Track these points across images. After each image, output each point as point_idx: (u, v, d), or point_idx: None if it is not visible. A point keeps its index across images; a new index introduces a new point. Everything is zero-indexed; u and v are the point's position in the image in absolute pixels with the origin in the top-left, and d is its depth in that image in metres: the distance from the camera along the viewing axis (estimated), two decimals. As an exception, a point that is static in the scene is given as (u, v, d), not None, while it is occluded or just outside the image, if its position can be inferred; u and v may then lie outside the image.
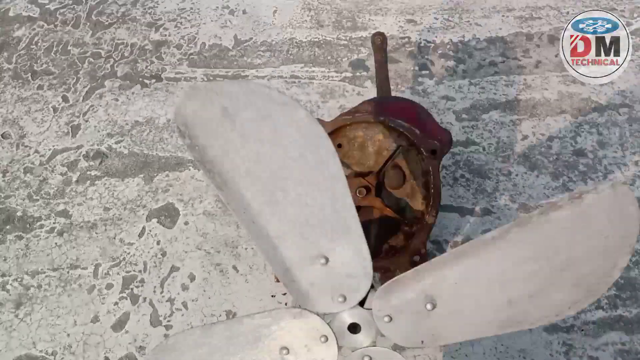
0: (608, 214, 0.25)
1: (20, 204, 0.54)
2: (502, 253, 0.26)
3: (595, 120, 0.58)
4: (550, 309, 0.27)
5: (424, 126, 0.44)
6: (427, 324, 0.27)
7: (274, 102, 0.24)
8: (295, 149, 0.25)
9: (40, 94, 0.64)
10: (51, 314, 0.46)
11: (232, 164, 0.25)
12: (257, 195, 0.26)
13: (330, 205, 0.26)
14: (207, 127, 0.25)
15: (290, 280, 0.27)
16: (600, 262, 0.26)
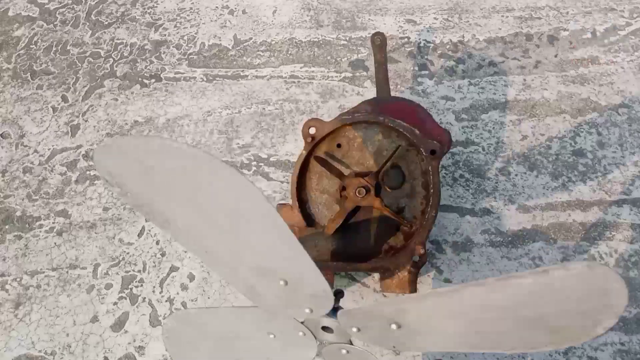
0: (584, 288, 0.22)
1: (20, 203, 0.54)
2: (461, 302, 0.25)
3: (595, 120, 0.59)
4: (525, 344, 0.26)
5: (424, 126, 0.44)
6: (395, 336, 0.27)
7: (189, 157, 0.22)
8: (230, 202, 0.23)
9: (40, 93, 0.64)
10: (50, 313, 0.46)
11: (168, 207, 0.24)
12: (205, 233, 0.25)
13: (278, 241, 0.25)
14: (132, 176, 0.24)
15: (256, 295, 0.27)
16: (579, 321, 0.24)
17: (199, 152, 0.22)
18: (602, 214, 0.51)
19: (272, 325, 0.29)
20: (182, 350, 0.32)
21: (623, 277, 0.46)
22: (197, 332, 0.31)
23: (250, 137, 0.58)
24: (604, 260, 0.48)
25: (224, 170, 0.22)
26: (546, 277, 0.22)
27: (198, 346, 0.32)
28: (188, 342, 0.32)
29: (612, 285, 0.22)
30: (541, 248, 0.49)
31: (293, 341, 0.29)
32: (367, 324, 0.27)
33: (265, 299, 0.28)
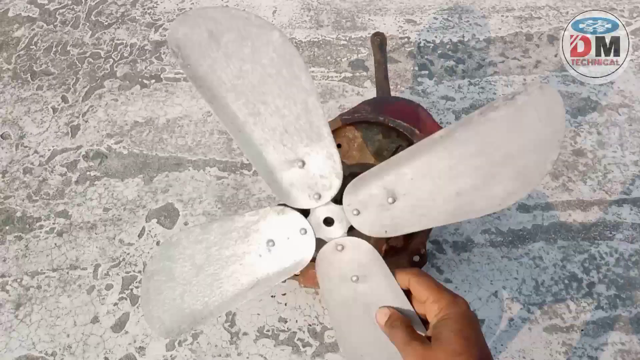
0: (538, 112, 0.29)
1: (20, 204, 0.54)
2: (449, 150, 0.30)
3: (595, 120, 0.59)
4: (493, 199, 0.31)
5: (424, 126, 0.44)
6: (389, 215, 0.31)
7: (252, 25, 0.28)
8: (272, 66, 0.29)
9: (40, 94, 0.64)
10: (51, 314, 0.46)
11: (219, 80, 0.29)
12: (241, 107, 0.30)
13: (304, 116, 0.30)
14: (196, 48, 0.29)
15: (273, 181, 0.31)
16: (534, 156, 0.30)
17: (265, 22, 0.28)
18: (603, 213, 0.51)
19: (273, 231, 0.33)
20: (156, 285, 0.34)
21: (623, 277, 0.46)
22: (187, 252, 0.34)
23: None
24: (604, 260, 0.48)
25: (281, 40, 0.28)
26: (514, 105, 0.28)
27: (183, 260, 0.34)
28: (165, 274, 0.34)
29: (556, 109, 0.28)
30: (541, 248, 0.49)
31: (292, 245, 0.33)
32: (367, 202, 0.31)
33: (281, 186, 0.32)
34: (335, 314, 0.34)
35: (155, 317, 0.34)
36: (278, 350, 0.43)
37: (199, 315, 0.34)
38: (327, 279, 0.33)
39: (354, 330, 0.33)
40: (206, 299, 0.34)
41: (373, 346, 0.33)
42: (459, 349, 0.26)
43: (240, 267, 0.33)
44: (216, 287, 0.34)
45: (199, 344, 0.44)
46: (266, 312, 0.45)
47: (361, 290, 0.33)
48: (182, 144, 0.58)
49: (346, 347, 0.34)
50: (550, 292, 0.46)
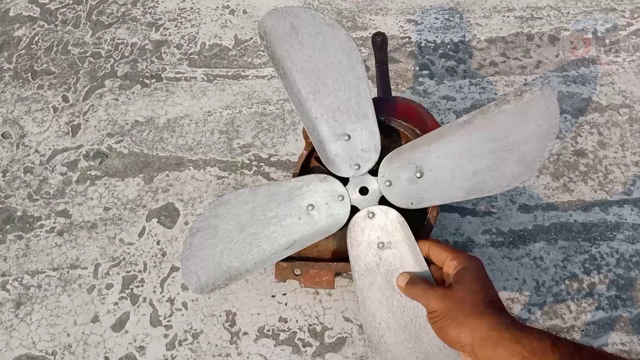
0: (539, 108, 0.35)
1: (21, 203, 0.54)
2: (470, 134, 0.36)
3: (596, 120, 0.58)
4: (502, 180, 0.36)
5: (425, 126, 0.44)
6: (416, 188, 0.37)
7: (325, 24, 0.37)
8: (335, 56, 0.37)
9: (41, 93, 0.64)
10: (51, 313, 0.46)
11: (292, 62, 0.37)
12: (305, 85, 0.37)
13: (355, 98, 0.37)
14: (278, 35, 0.36)
15: (322, 150, 0.37)
16: (535, 144, 0.36)
17: (336, 22, 0.36)
18: (603, 214, 0.51)
19: (314, 196, 0.37)
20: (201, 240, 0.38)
21: (624, 278, 0.46)
22: (233, 211, 0.38)
23: (251, 137, 0.58)
24: (605, 261, 0.48)
25: (346, 37, 0.37)
26: (521, 100, 0.35)
27: (228, 219, 0.38)
28: (209, 230, 0.38)
29: (552, 106, 0.35)
30: (542, 248, 0.49)
31: (329, 210, 0.37)
32: (399, 175, 0.37)
33: (328, 155, 0.37)
34: (358, 280, 0.37)
35: (192, 272, 0.38)
36: (278, 350, 0.43)
37: (235, 272, 0.37)
38: (356, 244, 0.37)
39: (373, 296, 0.37)
40: (244, 257, 0.37)
41: (388, 311, 0.36)
42: (477, 289, 0.30)
43: (280, 228, 0.37)
44: (255, 245, 0.37)
45: (199, 343, 0.44)
46: (266, 312, 0.45)
47: (385, 256, 0.37)
48: (182, 144, 0.58)
49: (365, 310, 0.37)
50: (550, 292, 0.46)
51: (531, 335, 0.27)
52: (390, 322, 0.36)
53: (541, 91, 0.35)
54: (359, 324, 0.44)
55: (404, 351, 0.36)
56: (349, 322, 0.44)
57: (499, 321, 0.28)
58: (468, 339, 0.29)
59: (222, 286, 0.38)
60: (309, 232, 0.37)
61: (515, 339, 0.27)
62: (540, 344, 0.26)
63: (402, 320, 0.36)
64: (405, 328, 0.36)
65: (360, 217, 0.37)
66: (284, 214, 0.37)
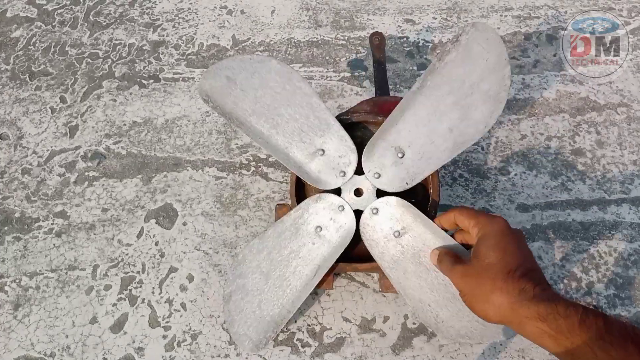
0: (480, 44, 0.36)
1: (19, 205, 0.54)
2: (428, 96, 0.36)
3: (594, 119, 0.59)
4: (478, 124, 0.36)
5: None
6: (403, 168, 0.37)
7: (255, 61, 0.38)
8: (277, 86, 0.38)
9: (38, 94, 0.64)
10: (49, 315, 0.46)
11: (242, 110, 0.38)
12: (263, 124, 0.38)
13: (312, 114, 0.38)
14: (219, 92, 0.38)
15: (304, 173, 0.38)
16: (493, 78, 0.36)
17: (264, 57, 0.38)
18: (602, 213, 0.51)
19: (317, 217, 0.38)
20: None
21: (622, 277, 0.46)
22: (253, 264, 0.39)
23: (249, 138, 0.58)
24: (603, 260, 0.48)
25: (279, 65, 0.38)
26: (460, 44, 0.36)
27: (252, 273, 0.39)
28: (240, 291, 0.39)
29: (492, 36, 0.36)
30: (540, 247, 0.49)
31: (336, 224, 0.38)
32: (382, 163, 0.37)
33: (311, 175, 0.38)
34: (392, 274, 0.37)
35: (242, 334, 0.39)
36: (277, 350, 0.43)
37: (279, 318, 0.38)
38: (375, 244, 0.37)
39: (411, 283, 0.37)
40: (280, 301, 0.38)
41: (432, 291, 0.36)
42: (493, 260, 0.29)
43: (301, 260, 0.38)
44: (285, 286, 0.38)
45: (198, 344, 0.44)
46: (265, 313, 0.45)
47: (405, 242, 0.37)
48: (180, 144, 0.58)
49: (410, 299, 0.37)
50: (549, 291, 0.46)
51: (557, 311, 0.26)
52: (439, 300, 0.36)
53: (474, 27, 0.36)
54: (357, 324, 0.44)
55: (463, 321, 0.36)
56: (347, 322, 0.44)
57: (520, 296, 0.27)
58: (496, 316, 0.28)
59: (273, 336, 0.38)
60: (327, 252, 0.38)
61: (541, 317, 0.26)
62: (566, 322, 0.25)
63: (449, 294, 0.36)
64: (453, 299, 0.36)
65: (367, 217, 0.38)
66: (298, 246, 0.38)
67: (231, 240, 0.50)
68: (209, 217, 0.52)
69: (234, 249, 0.49)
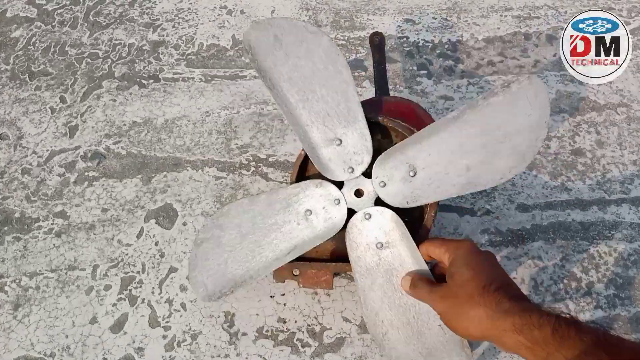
0: (528, 98, 0.35)
1: (18, 205, 0.54)
2: (460, 129, 0.36)
3: (594, 119, 0.59)
4: (496, 173, 0.36)
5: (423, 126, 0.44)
6: (410, 187, 0.37)
7: (308, 31, 0.36)
8: (320, 63, 0.37)
9: (38, 94, 0.64)
10: (49, 315, 0.46)
11: (279, 72, 0.37)
12: (294, 94, 0.37)
13: (344, 103, 0.37)
14: (263, 47, 0.37)
15: (315, 156, 0.37)
16: (527, 135, 0.36)
17: (318, 29, 0.36)
18: (602, 213, 0.51)
19: (311, 202, 0.38)
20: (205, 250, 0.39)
21: (622, 277, 0.46)
22: (235, 221, 0.38)
23: (249, 138, 0.58)
24: (603, 260, 0.48)
25: (329, 43, 0.36)
26: (510, 91, 0.35)
27: (230, 229, 0.38)
28: (213, 241, 0.39)
29: (542, 95, 0.36)
30: (540, 247, 0.49)
31: (327, 214, 0.38)
32: (392, 175, 0.37)
33: (321, 160, 0.37)
34: (360, 280, 0.38)
35: (199, 281, 0.38)
36: (277, 350, 0.43)
37: (240, 279, 0.38)
38: (355, 246, 0.38)
39: (375, 295, 0.37)
40: (247, 264, 0.38)
41: (390, 309, 0.37)
42: (467, 278, 0.30)
43: (280, 235, 0.38)
44: (257, 252, 0.38)
45: (198, 344, 0.44)
46: (265, 313, 0.45)
47: (384, 255, 0.37)
48: (180, 144, 0.58)
49: (367, 309, 0.38)
50: (549, 291, 0.46)
51: (531, 322, 0.26)
52: (393, 320, 0.37)
53: (529, 80, 0.35)
54: (357, 324, 0.44)
55: (408, 347, 0.37)
56: (347, 322, 0.44)
57: (497, 308, 0.28)
58: (477, 332, 0.29)
59: (228, 293, 0.38)
60: (308, 237, 0.38)
61: (517, 329, 0.26)
62: (540, 333, 0.26)
63: (405, 318, 0.37)
64: (407, 325, 0.36)
65: (357, 219, 0.38)
66: (283, 221, 0.38)
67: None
68: (209, 217, 0.52)
69: (234, 249, 0.49)
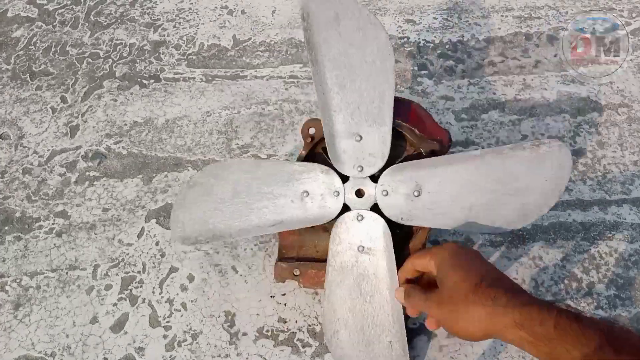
0: (552, 163, 0.36)
1: (19, 204, 0.54)
2: (478, 168, 0.36)
3: (595, 120, 0.59)
4: (495, 222, 0.36)
5: (424, 126, 0.44)
6: (410, 205, 0.37)
7: (369, 21, 0.36)
8: (370, 56, 0.36)
9: (39, 94, 0.64)
10: (50, 315, 0.46)
11: (327, 51, 0.36)
12: (333, 77, 0.37)
13: (378, 103, 0.37)
14: (320, 21, 0.36)
15: (332, 144, 0.37)
16: (538, 198, 0.36)
17: (378, 22, 0.36)
18: (602, 213, 0.51)
19: (312, 185, 0.37)
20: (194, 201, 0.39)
21: (623, 277, 0.46)
22: (232, 177, 0.38)
23: (250, 138, 0.58)
24: (603, 260, 0.48)
25: (385, 41, 0.36)
26: (538, 150, 0.35)
27: (225, 183, 0.38)
28: (205, 187, 0.39)
29: (565, 164, 0.36)
30: (541, 247, 0.49)
31: (322, 201, 0.38)
32: (397, 188, 0.37)
33: (336, 149, 0.37)
34: (330, 274, 0.38)
35: (179, 221, 0.39)
36: (277, 350, 0.43)
37: (219, 233, 0.38)
38: (338, 241, 0.38)
39: (339, 293, 0.38)
40: (230, 222, 0.38)
41: (349, 311, 0.38)
42: (457, 279, 0.30)
43: (272, 205, 0.38)
44: (244, 214, 0.38)
45: (199, 344, 0.44)
46: (265, 313, 0.45)
47: (362, 260, 0.37)
48: (181, 144, 0.58)
49: (328, 303, 0.38)
50: (550, 292, 0.46)
51: (532, 317, 0.26)
52: (349, 322, 0.37)
53: (559, 148, 0.35)
54: (358, 324, 0.44)
55: (354, 352, 0.37)
56: (348, 323, 0.44)
57: (494, 304, 0.27)
58: (478, 332, 0.28)
59: (203, 242, 0.39)
60: (297, 217, 0.38)
61: (517, 324, 0.26)
62: (542, 328, 0.25)
63: (360, 324, 0.37)
64: (360, 331, 0.37)
65: (349, 217, 0.38)
66: (279, 193, 0.38)
67: (232, 240, 0.50)
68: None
69: (235, 249, 0.49)
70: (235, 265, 0.48)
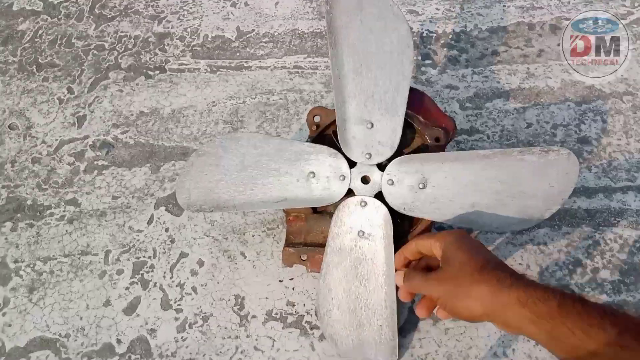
0: (558, 170, 0.36)
1: (30, 192, 0.55)
2: (484, 168, 0.36)
3: (600, 108, 0.59)
4: (495, 222, 0.36)
5: (429, 114, 0.44)
6: (413, 197, 0.37)
7: (392, 12, 0.37)
8: (389, 46, 0.37)
9: (46, 85, 0.65)
10: (64, 298, 0.47)
11: (346, 35, 0.37)
12: (350, 62, 0.37)
13: (392, 92, 0.37)
14: (343, 5, 0.37)
15: (342, 128, 0.38)
16: (541, 202, 0.36)
17: (401, 14, 0.36)
18: (607, 200, 0.51)
19: (319, 166, 0.38)
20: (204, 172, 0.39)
21: (627, 263, 0.47)
22: (241, 150, 0.39)
23: (255, 127, 0.59)
24: (608, 246, 0.49)
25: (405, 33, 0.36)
26: (546, 156, 0.36)
27: (234, 156, 0.39)
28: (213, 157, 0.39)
29: (572, 172, 0.36)
30: (546, 234, 0.49)
31: (328, 184, 0.38)
32: (403, 178, 0.37)
33: (346, 134, 0.37)
34: (329, 255, 0.38)
35: (185, 188, 0.40)
36: (286, 332, 0.44)
37: (224, 204, 0.39)
38: (340, 224, 0.38)
39: (335, 274, 0.38)
40: (235, 194, 0.39)
41: (344, 293, 0.38)
42: (464, 259, 0.30)
43: (277, 182, 0.38)
44: (249, 188, 0.38)
45: (209, 326, 0.45)
46: (274, 296, 0.46)
47: (361, 244, 0.37)
48: (187, 134, 0.59)
49: (324, 282, 0.39)
50: (554, 277, 0.46)
51: (536, 296, 0.26)
52: (342, 302, 0.38)
53: (567, 156, 0.36)
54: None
55: (344, 331, 0.38)
56: (355, 306, 0.45)
57: (499, 284, 0.28)
58: (479, 310, 0.28)
59: (207, 211, 0.39)
60: (301, 197, 0.38)
61: (521, 302, 0.26)
62: (546, 306, 0.26)
63: (353, 305, 0.37)
64: (353, 312, 0.37)
65: (353, 202, 0.38)
66: (285, 171, 0.38)
67: (240, 226, 0.51)
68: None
69: (243, 235, 0.50)
70: (243, 251, 0.49)
